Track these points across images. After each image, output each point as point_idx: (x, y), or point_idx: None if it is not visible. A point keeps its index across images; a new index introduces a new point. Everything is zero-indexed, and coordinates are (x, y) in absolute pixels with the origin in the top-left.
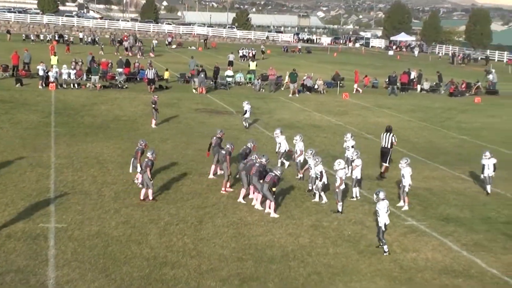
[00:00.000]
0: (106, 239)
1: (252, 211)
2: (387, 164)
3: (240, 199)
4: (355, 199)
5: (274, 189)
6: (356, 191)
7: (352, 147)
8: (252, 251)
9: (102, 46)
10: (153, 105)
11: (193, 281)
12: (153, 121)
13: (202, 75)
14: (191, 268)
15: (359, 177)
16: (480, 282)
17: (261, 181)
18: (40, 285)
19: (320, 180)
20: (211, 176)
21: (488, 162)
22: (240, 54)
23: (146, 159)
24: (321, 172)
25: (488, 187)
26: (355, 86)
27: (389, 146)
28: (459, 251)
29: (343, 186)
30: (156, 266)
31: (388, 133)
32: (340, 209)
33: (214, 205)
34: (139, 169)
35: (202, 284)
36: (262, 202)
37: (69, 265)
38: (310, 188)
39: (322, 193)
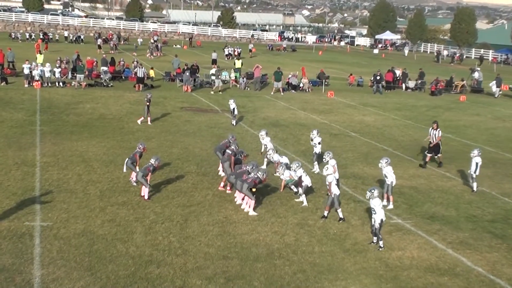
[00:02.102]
0: (92, 237)
1: (238, 209)
2: (440, 154)
3: (252, 212)
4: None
5: (254, 189)
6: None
7: (319, 143)
8: (237, 249)
9: (99, 44)
10: (148, 103)
11: (179, 279)
12: (143, 118)
13: (188, 74)
14: (177, 267)
15: (337, 177)
16: (465, 281)
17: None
18: (25, 284)
19: (301, 186)
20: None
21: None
22: (226, 52)
23: (150, 164)
24: (300, 177)
25: (472, 184)
26: (304, 81)
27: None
28: (444, 249)
29: (337, 192)
30: (141, 265)
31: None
32: (341, 215)
33: (199, 204)
34: (137, 169)
35: (187, 283)
36: (243, 199)
37: (54, 264)
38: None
39: (303, 196)
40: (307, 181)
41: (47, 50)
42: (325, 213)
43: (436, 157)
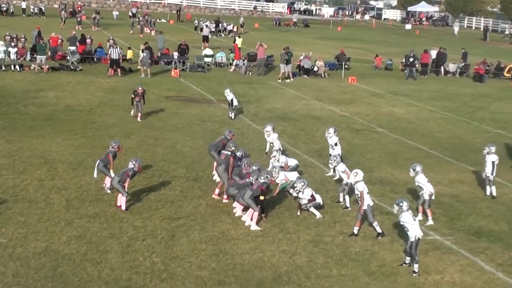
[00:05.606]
0: (56, 257)
1: (237, 223)
2: None
3: (255, 227)
4: (349, 208)
5: (262, 197)
6: (343, 196)
7: (336, 144)
8: (236, 272)
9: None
10: (133, 96)
11: None
12: (140, 114)
13: (145, 54)
14: None
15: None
16: None
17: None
18: None
19: (313, 204)
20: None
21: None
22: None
23: (129, 168)
24: (312, 196)
25: (490, 189)
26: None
27: None
28: (493, 272)
29: (370, 202)
30: None
31: None
32: (379, 230)
33: (189, 216)
34: (112, 174)
35: None
36: (243, 210)
37: None
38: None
39: (313, 209)
40: (318, 199)
41: None
42: (355, 230)
43: None
